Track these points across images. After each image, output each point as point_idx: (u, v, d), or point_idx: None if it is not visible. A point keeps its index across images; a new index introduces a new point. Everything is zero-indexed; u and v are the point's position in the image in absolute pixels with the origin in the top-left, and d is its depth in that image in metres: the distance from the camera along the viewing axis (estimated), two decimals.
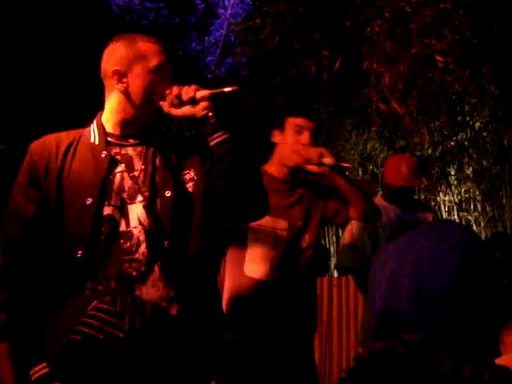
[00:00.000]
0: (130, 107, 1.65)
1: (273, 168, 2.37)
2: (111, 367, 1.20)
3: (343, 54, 4.48)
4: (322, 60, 4.57)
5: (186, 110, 1.63)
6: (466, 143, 7.76)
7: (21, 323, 1.56)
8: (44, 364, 1.37)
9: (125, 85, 1.63)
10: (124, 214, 1.56)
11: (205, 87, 1.70)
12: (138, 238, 1.54)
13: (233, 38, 8.29)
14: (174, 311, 1.53)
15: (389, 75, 4.10)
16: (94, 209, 1.53)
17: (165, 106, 1.65)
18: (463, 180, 8.30)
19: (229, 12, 9.21)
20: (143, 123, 1.70)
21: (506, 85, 5.33)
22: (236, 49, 7.12)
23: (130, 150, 1.65)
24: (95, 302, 1.25)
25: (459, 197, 8.58)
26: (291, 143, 2.29)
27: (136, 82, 1.62)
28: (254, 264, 2.24)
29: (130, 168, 1.62)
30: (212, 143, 1.61)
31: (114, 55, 1.65)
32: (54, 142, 1.65)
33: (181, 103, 1.63)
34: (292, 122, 2.30)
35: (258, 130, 8.47)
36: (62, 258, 1.56)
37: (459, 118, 7.59)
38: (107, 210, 1.56)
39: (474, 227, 8.60)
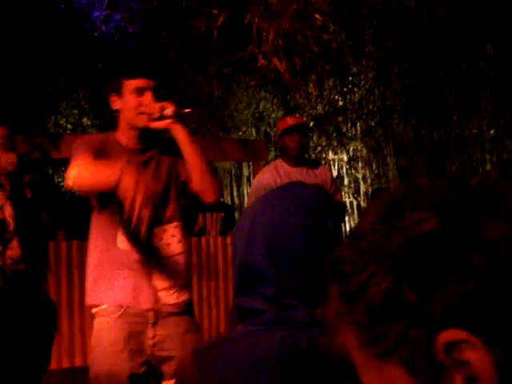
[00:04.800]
0: None
1: (122, 136, 2.28)
2: None
3: (230, 10, 4.44)
4: (212, 18, 4.52)
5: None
6: (355, 104, 8.07)
7: None
8: None
9: None
10: (2, 210, 2.88)
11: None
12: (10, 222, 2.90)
13: None
14: (23, 268, 2.80)
15: (271, 31, 4.13)
16: None
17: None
18: (352, 139, 8.66)
19: None
20: None
21: (387, 49, 5.56)
22: (123, 3, 6.83)
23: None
24: None
25: (348, 155, 8.96)
26: (135, 106, 2.20)
27: None
28: (123, 239, 2.22)
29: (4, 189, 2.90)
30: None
31: None
32: None
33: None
34: (131, 84, 2.20)
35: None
36: None
37: (350, 79, 7.87)
38: None
39: (362, 184, 9.06)
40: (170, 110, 2.15)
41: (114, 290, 2.20)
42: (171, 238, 2.28)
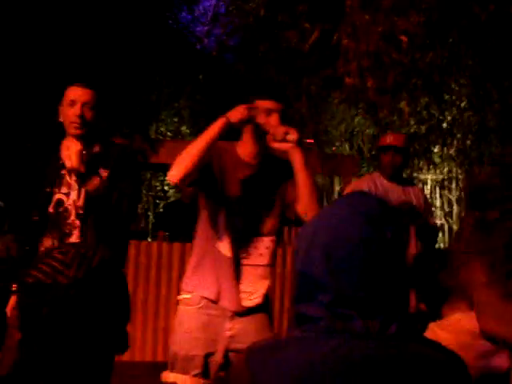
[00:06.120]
0: None
1: (242, 149, 2.44)
2: (51, 309, 1.28)
3: (321, 26, 4.53)
4: (304, 32, 4.63)
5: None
6: (449, 122, 7.84)
7: None
8: None
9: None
10: (68, 197, 2.55)
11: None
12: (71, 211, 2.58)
13: (222, 9, 8.28)
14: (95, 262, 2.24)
15: (356, 50, 4.18)
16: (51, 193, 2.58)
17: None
18: (446, 159, 8.41)
19: None
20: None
21: (485, 65, 5.40)
22: (225, 18, 7.13)
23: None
24: (55, 251, 1.38)
25: (442, 175, 8.70)
26: (261, 125, 2.34)
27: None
28: (223, 243, 2.43)
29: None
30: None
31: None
32: None
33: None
34: (261, 105, 2.35)
35: (247, 98, 8.50)
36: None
37: (446, 97, 7.66)
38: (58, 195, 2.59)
39: (455, 206, 8.74)
40: (293, 136, 2.29)
41: (203, 284, 2.42)
42: (265, 250, 2.45)
